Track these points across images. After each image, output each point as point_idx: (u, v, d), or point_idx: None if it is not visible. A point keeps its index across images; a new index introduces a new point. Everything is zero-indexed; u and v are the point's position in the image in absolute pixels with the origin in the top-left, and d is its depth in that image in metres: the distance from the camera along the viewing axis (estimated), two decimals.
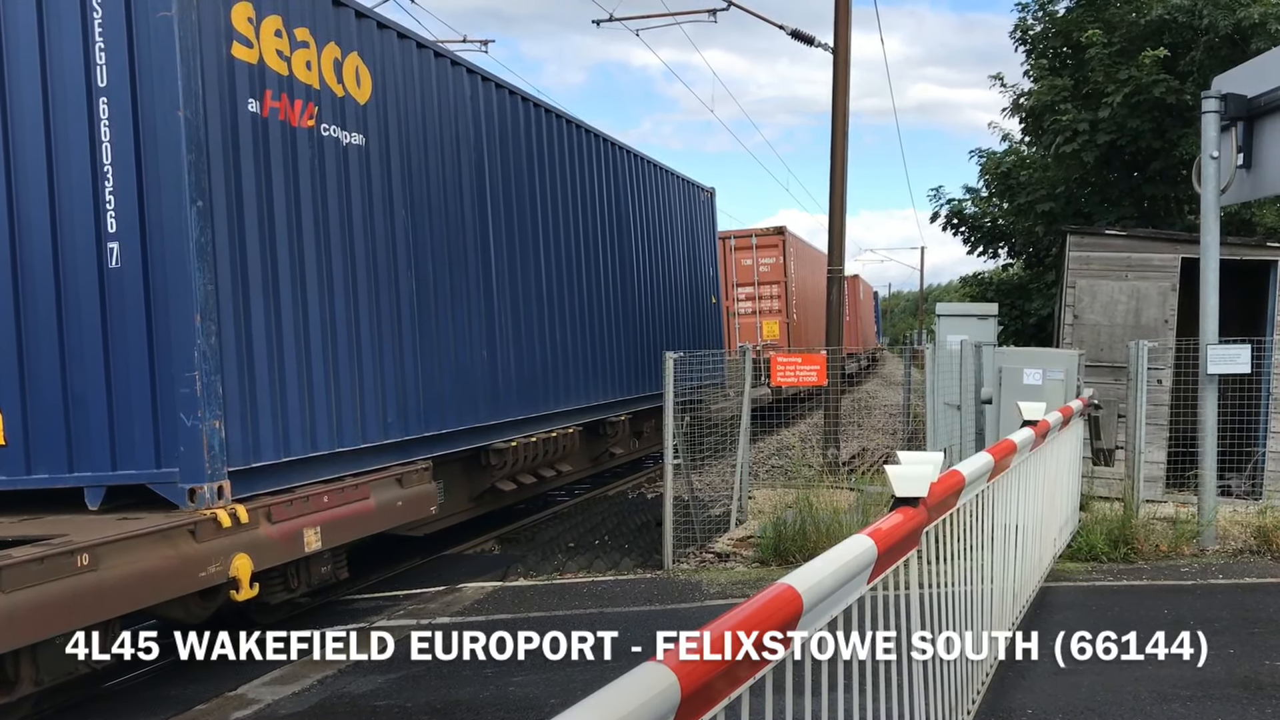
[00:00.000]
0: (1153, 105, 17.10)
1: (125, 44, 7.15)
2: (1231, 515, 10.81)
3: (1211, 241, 9.76)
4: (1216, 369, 9.88)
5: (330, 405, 8.55)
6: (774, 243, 27.13)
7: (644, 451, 17.45)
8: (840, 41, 17.07)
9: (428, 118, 10.36)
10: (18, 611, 5.62)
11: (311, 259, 8.44)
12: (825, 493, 10.83)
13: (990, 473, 5.48)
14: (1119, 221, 17.95)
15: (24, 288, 7.32)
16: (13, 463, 7.33)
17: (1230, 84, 9.73)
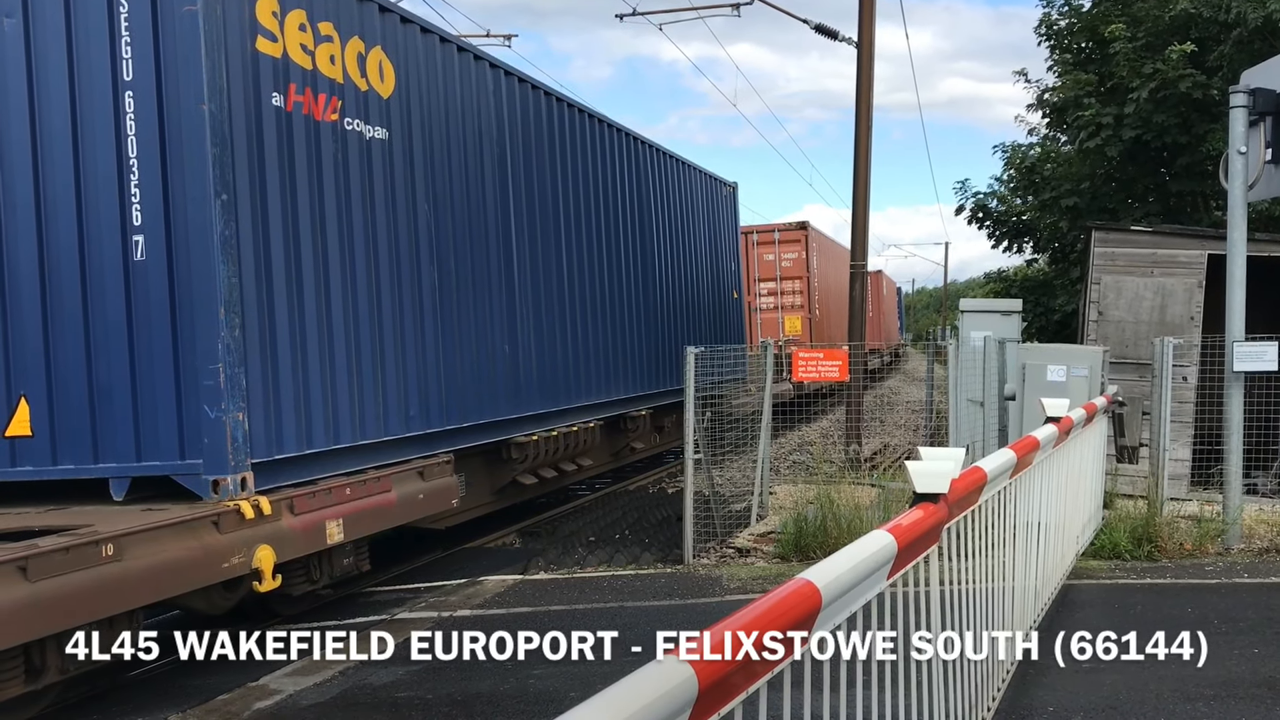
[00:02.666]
0: (1179, 100, 16.93)
1: (151, 38, 7.20)
2: (1257, 514, 10.71)
3: (1239, 238, 9.67)
4: (1243, 366, 9.79)
5: (352, 398, 8.59)
6: (797, 238, 27.06)
7: (664, 446, 17.45)
8: (864, 36, 17.02)
9: (450, 112, 10.38)
10: (44, 600, 5.67)
11: (334, 252, 8.48)
12: (846, 489, 10.79)
13: (1012, 469, 5.46)
14: (1145, 218, 17.80)
15: (50, 280, 7.39)
16: (39, 454, 7.40)
17: (1259, 78, 9.63)
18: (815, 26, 18.32)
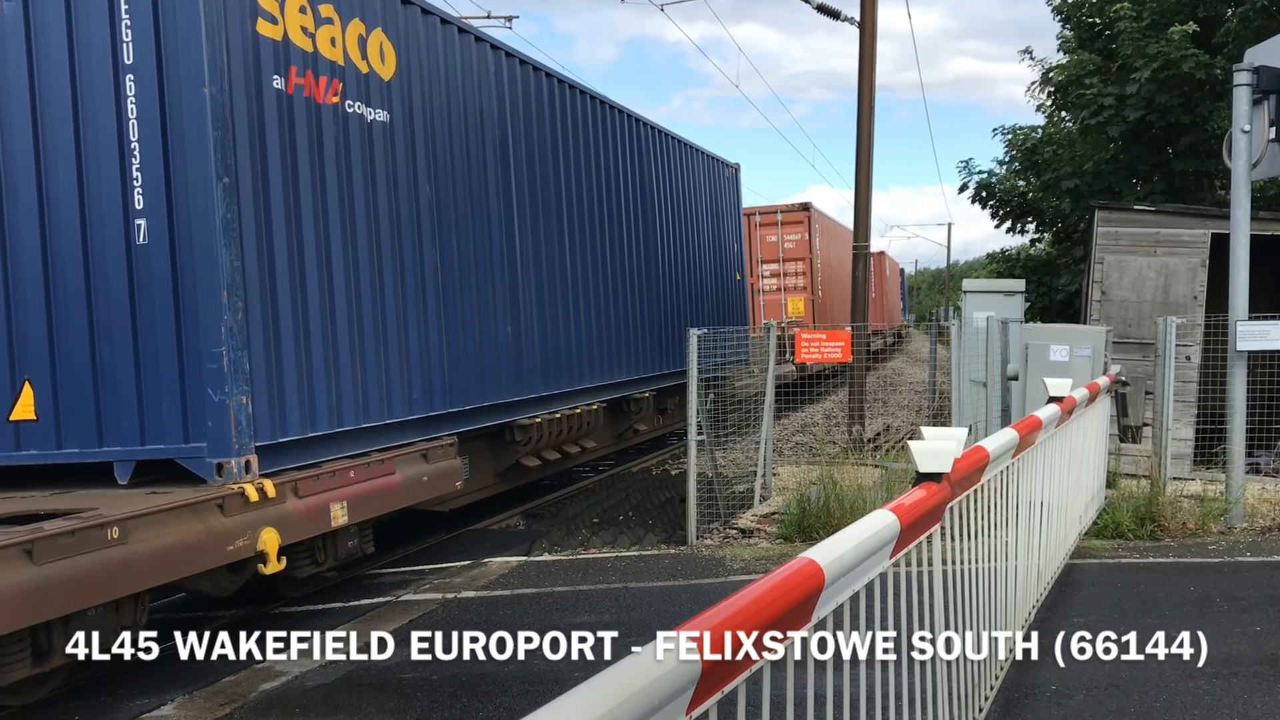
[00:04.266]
0: (1182, 80, 16.86)
1: (151, 21, 7.17)
2: (1260, 493, 10.73)
3: (1242, 216, 9.65)
4: (1246, 346, 9.78)
5: (356, 381, 8.60)
6: (799, 219, 27.02)
7: (668, 428, 17.47)
8: (867, 15, 16.94)
9: (452, 94, 10.35)
10: (50, 583, 5.70)
11: (336, 235, 8.47)
12: (849, 470, 10.82)
13: (1015, 449, 5.46)
14: (1148, 197, 17.76)
15: (53, 264, 7.39)
16: (44, 438, 7.42)
17: (1263, 56, 9.59)
18: (817, 6, 18.22)
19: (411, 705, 6.08)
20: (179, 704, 6.34)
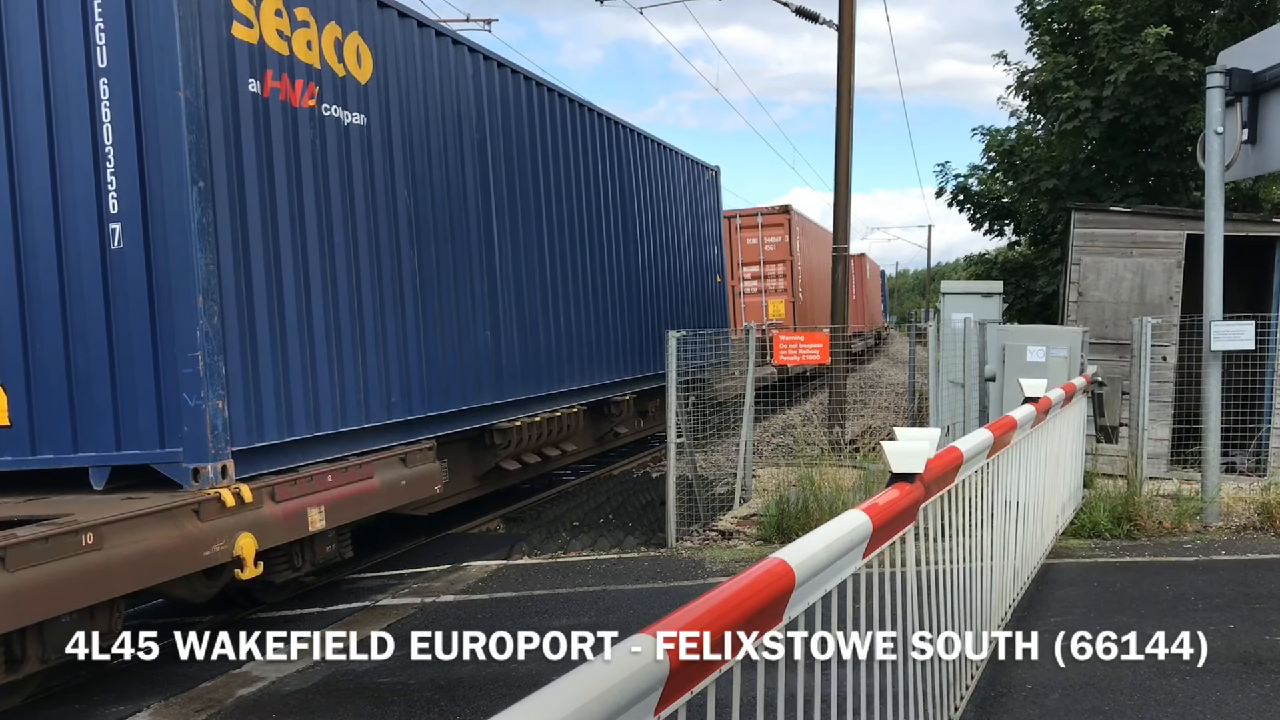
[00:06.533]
0: (1156, 82, 16.98)
1: (125, 24, 7.13)
2: (1235, 492, 10.81)
3: (1216, 218, 9.72)
4: (1220, 345, 9.85)
5: (334, 385, 8.57)
6: (780, 221, 27.08)
7: (649, 431, 17.47)
8: (845, 18, 17.00)
9: (429, 97, 10.34)
10: (23, 590, 5.66)
11: (314, 239, 8.45)
12: (829, 471, 10.84)
13: (990, 449, 5.49)
14: (1124, 199, 17.87)
15: (27, 269, 7.34)
16: (18, 443, 7.37)
17: (1236, 59, 9.67)
18: (796, 9, 18.30)
19: (389, 710, 6.06)
20: (155, 710, 6.30)
